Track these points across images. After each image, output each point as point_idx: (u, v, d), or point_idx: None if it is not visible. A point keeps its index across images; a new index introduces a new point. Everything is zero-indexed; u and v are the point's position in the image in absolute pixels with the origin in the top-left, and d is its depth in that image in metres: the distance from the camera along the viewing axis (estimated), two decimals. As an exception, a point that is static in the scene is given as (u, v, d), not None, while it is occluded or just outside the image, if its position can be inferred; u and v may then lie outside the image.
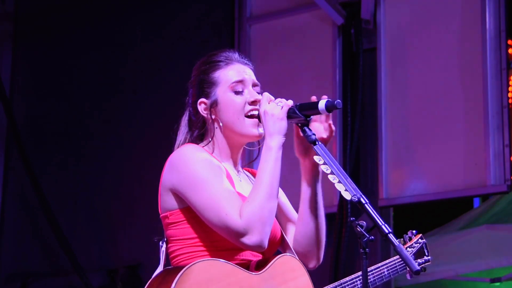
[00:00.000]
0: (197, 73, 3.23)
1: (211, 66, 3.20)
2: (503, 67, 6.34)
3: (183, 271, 2.87)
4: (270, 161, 3.02)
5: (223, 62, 3.20)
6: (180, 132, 3.23)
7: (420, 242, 3.57)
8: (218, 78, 3.17)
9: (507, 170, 6.19)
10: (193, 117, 3.20)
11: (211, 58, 3.23)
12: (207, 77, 3.19)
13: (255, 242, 2.92)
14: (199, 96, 3.19)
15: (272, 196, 2.98)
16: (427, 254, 3.57)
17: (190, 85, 3.25)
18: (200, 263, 2.91)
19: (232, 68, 3.19)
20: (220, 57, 3.21)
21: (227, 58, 3.21)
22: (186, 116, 3.24)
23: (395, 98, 6.66)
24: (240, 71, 3.19)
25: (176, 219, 3.07)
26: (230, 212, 2.93)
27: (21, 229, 7.82)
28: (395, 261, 3.42)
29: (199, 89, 3.19)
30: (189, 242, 3.04)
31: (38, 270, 7.67)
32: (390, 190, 6.57)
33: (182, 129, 3.23)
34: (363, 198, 2.86)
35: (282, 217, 3.27)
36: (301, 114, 3.06)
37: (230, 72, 3.18)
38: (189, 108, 3.23)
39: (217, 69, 3.19)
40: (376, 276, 3.37)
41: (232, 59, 3.21)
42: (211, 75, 3.19)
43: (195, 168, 3.02)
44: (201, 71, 3.22)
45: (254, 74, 3.23)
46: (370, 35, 6.88)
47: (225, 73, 3.18)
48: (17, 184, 7.85)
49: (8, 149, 7.88)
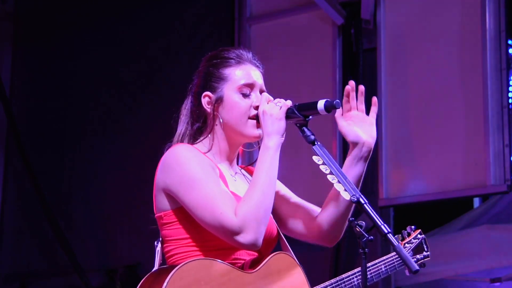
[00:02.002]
0: (207, 65, 3.20)
1: (222, 61, 3.17)
2: (503, 67, 6.34)
3: (175, 271, 2.86)
4: (267, 161, 3.01)
5: (234, 60, 3.16)
6: (180, 122, 3.20)
7: (419, 238, 3.57)
8: (227, 75, 3.14)
9: (507, 170, 6.19)
10: (194, 108, 3.18)
11: (223, 54, 3.19)
12: (216, 72, 3.16)
13: (250, 241, 2.91)
14: (204, 88, 3.16)
15: (268, 196, 2.97)
16: (426, 250, 3.57)
17: (196, 74, 3.22)
18: (192, 263, 2.91)
19: (243, 69, 3.16)
20: (232, 54, 3.18)
21: (238, 56, 3.18)
22: (188, 105, 3.21)
23: (395, 98, 6.66)
24: (250, 73, 3.16)
25: (170, 219, 3.06)
26: (225, 211, 2.92)
27: (21, 228, 7.82)
28: (393, 258, 3.42)
29: (206, 81, 3.16)
30: (184, 242, 3.03)
31: (37, 270, 7.68)
32: (390, 190, 6.57)
33: (183, 119, 3.20)
34: (362, 198, 2.85)
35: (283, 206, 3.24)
36: (300, 114, 3.05)
37: (241, 72, 3.15)
38: (191, 98, 3.20)
39: (228, 66, 3.16)
40: (374, 272, 3.37)
41: (244, 59, 3.18)
42: (221, 71, 3.15)
43: (188, 168, 3.00)
44: (211, 64, 3.18)
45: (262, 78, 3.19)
46: (370, 35, 6.88)
47: (235, 72, 3.15)
48: (17, 184, 7.86)
49: (8, 149, 7.89)
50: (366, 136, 3.14)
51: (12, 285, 7.66)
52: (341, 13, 6.89)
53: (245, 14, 7.32)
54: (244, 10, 7.32)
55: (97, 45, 7.76)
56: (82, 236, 7.52)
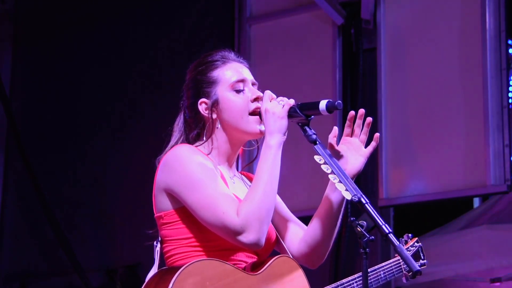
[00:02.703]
0: (193, 74, 3.20)
1: (207, 66, 3.18)
2: (503, 67, 6.34)
3: (180, 271, 2.85)
4: (269, 159, 3.01)
5: (220, 61, 3.18)
6: (173, 135, 3.20)
7: (416, 246, 3.56)
8: (217, 77, 3.15)
9: (507, 170, 6.19)
10: (189, 119, 3.17)
11: (207, 59, 3.20)
12: (205, 77, 3.16)
13: (252, 240, 2.91)
14: (198, 97, 3.15)
15: (270, 195, 2.97)
16: (422, 258, 3.56)
17: (185, 88, 3.21)
18: (197, 263, 2.91)
19: (230, 67, 3.17)
20: (216, 57, 3.19)
21: (223, 57, 3.19)
22: (181, 119, 3.21)
23: (395, 98, 6.66)
24: (238, 70, 3.17)
25: (170, 219, 3.05)
26: (227, 211, 2.92)
27: (21, 228, 7.82)
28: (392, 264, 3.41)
29: (197, 90, 3.16)
30: (184, 242, 3.03)
31: (37, 269, 7.67)
32: (390, 190, 6.56)
33: (176, 133, 3.20)
34: (363, 198, 2.85)
35: (277, 217, 3.24)
36: (302, 114, 3.05)
37: (229, 71, 3.16)
38: (186, 111, 3.19)
39: (215, 68, 3.17)
40: (373, 278, 3.37)
41: (228, 58, 3.19)
42: (209, 75, 3.16)
43: (190, 168, 3.00)
44: (198, 72, 3.18)
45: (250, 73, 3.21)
46: (370, 35, 6.88)
47: (224, 72, 3.16)
48: (17, 184, 7.85)
49: (8, 149, 7.89)
50: (351, 166, 3.19)
51: (12, 285, 7.65)
52: (341, 13, 6.89)
53: (245, 14, 7.32)
54: (244, 10, 7.32)
55: (97, 45, 7.76)
56: (82, 236, 7.52)
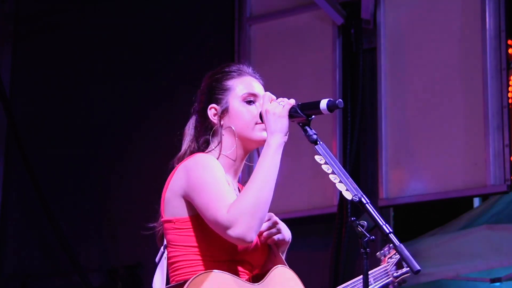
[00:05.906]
0: (209, 81, 3.26)
1: (224, 75, 3.24)
2: (503, 67, 6.34)
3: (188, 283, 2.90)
4: (267, 158, 3.03)
5: (236, 73, 3.24)
6: (184, 141, 3.25)
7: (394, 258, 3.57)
8: (231, 86, 3.21)
9: (507, 170, 6.19)
10: (199, 124, 3.22)
11: (224, 68, 3.27)
12: (219, 84, 3.22)
13: (238, 234, 2.92)
14: (209, 102, 3.21)
15: (263, 192, 2.98)
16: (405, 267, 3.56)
17: (199, 92, 3.28)
18: (202, 276, 2.95)
19: (245, 80, 3.23)
20: (233, 68, 3.26)
21: (239, 69, 3.26)
22: (192, 124, 3.26)
23: (395, 98, 6.66)
24: (252, 84, 3.23)
25: (183, 225, 3.07)
26: (219, 207, 2.95)
27: (21, 229, 7.82)
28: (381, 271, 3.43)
29: (210, 96, 3.22)
30: (190, 250, 3.05)
31: (38, 269, 7.68)
32: (390, 190, 6.57)
33: (187, 138, 3.25)
34: (364, 198, 2.86)
35: None
36: (302, 114, 3.06)
37: (243, 83, 3.22)
38: (196, 116, 3.25)
39: (230, 78, 3.23)
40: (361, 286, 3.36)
41: (245, 71, 3.26)
42: (224, 83, 3.22)
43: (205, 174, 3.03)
44: (214, 79, 3.25)
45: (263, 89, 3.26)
46: (370, 35, 6.88)
47: (238, 83, 3.22)
48: (17, 184, 7.85)
49: (8, 149, 7.89)
50: None
51: (13, 285, 7.66)
52: (341, 13, 6.90)
53: (245, 14, 7.32)
54: (244, 10, 7.33)
55: (97, 45, 7.76)
56: (82, 236, 7.53)
